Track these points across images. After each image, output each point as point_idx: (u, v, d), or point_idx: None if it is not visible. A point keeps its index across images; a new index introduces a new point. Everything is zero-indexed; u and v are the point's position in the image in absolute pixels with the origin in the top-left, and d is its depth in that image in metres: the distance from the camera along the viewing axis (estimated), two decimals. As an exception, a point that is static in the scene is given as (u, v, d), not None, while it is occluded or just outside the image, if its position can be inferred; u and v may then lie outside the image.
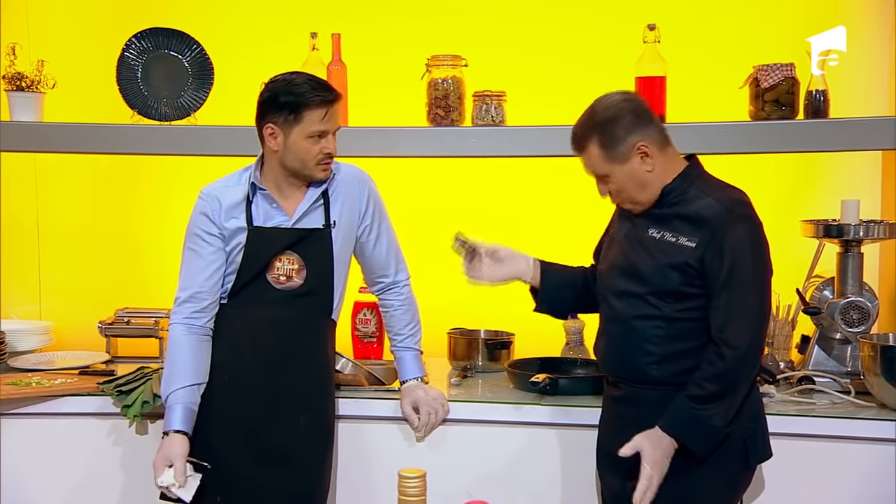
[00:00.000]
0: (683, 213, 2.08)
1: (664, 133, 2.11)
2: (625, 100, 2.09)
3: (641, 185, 2.09)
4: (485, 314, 3.01)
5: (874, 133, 2.69)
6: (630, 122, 2.05)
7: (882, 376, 2.39)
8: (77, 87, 3.15)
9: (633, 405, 2.16)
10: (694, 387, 2.04)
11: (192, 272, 2.32)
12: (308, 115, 2.23)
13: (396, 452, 2.47)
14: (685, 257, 2.05)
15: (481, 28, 3.10)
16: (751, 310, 2.04)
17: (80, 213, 3.35)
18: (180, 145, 2.93)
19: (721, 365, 2.01)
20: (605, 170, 2.09)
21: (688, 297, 2.07)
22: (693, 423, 2.03)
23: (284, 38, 3.05)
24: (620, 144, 2.05)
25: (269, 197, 2.33)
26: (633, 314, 2.13)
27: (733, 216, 2.04)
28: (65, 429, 2.60)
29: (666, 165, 2.09)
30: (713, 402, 2.02)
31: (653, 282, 2.10)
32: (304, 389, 2.35)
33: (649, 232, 2.13)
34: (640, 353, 2.13)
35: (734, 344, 2.01)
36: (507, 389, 2.67)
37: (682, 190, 2.10)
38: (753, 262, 2.04)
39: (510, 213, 3.18)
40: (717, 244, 2.03)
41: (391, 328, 2.54)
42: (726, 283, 2.02)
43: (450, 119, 2.86)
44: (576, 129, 2.12)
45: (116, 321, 3.06)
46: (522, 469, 2.50)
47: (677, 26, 2.85)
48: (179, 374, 2.26)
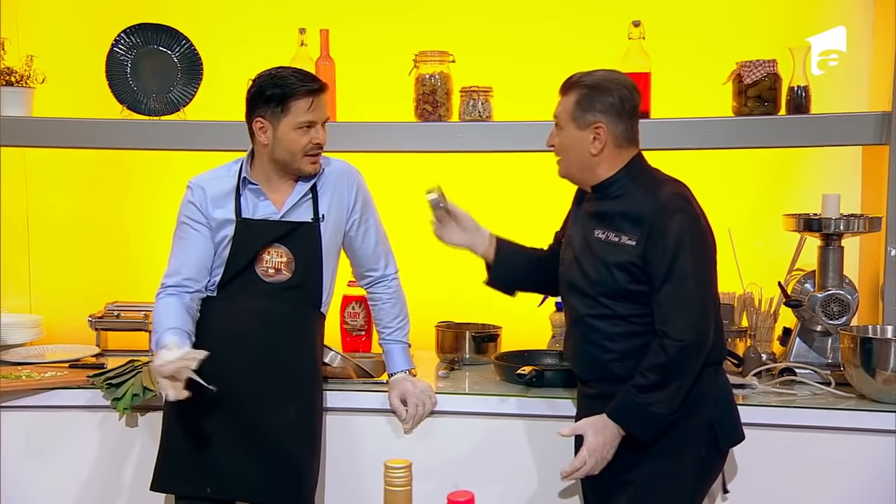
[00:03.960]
0: (624, 211, 2.11)
1: (630, 136, 2.14)
2: (623, 87, 2.12)
3: (579, 158, 2.14)
4: (472, 308, 3.02)
5: (855, 128, 2.73)
6: (608, 105, 2.09)
7: (861, 367, 2.39)
8: (67, 82, 3.14)
9: (604, 401, 2.16)
10: (638, 376, 2.07)
11: (179, 259, 2.34)
12: (295, 106, 2.25)
13: (384, 444, 2.47)
14: (628, 256, 2.08)
15: (468, 24, 3.10)
16: (692, 301, 2.05)
17: (70, 208, 3.34)
18: (169, 140, 2.94)
19: (663, 356, 2.04)
20: (564, 122, 2.15)
21: (637, 294, 2.10)
22: (636, 410, 2.07)
23: (273, 33, 3.05)
24: (588, 113, 2.10)
25: (258, 191, 2.34)
26: (591, 314, 2.17)
27: (668, 210, 2.06)
28: (55, 421, 2.59)
29: (612, 160, 2.13)
30: (655, 391, 2.05)
31: (601, 283, 2.13)
32: (292, 382, 2.35)
33: (595, 234, 2.16)
34: (600, 351, 2.16)
35: (676, 336, 2.04)
36: (493, 382, 2.67)
37: (623, 184, 2.13)
38: (692, 254, 2.05)
39: (497, 207, 3.14)
40: (655, 239, 2.05)
41: (379, 321, 2.55)
42: (667, 277, 2.04)
43: (437, 114, 2.87)
44: (574, 76, 2.16)
45: (106, 315, 3.04)
46: (508, 460, 2.50)
47: (662, 23, 2.86)
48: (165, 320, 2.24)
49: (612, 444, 2.09)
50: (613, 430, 2.08)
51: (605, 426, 2.09)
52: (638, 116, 2.17)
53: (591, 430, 2.09)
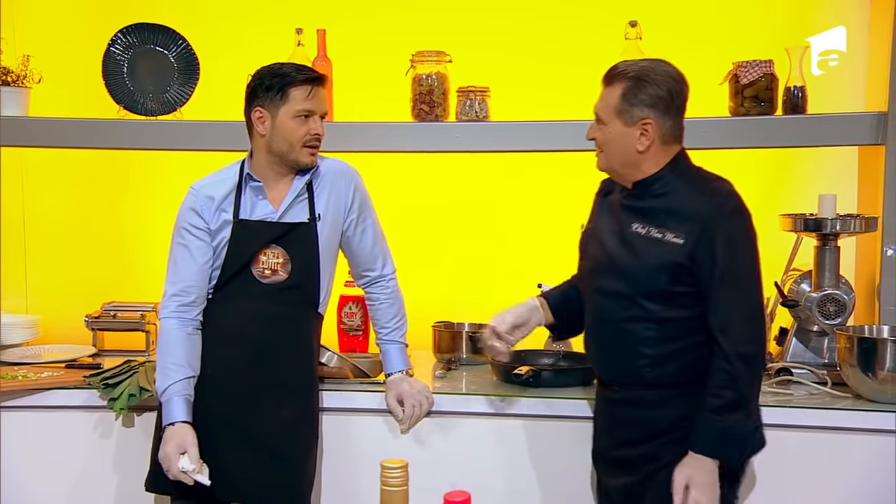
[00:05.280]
0: (669, 207, 2.01)
1: (677, 132, 2.05)
2: (676, 80, 2.02)
3: (625, 155, 2.04)
4: (469, 308, 3.02)
5: (851, 128, 2.74)
6: (658, 99, 1.99)
7: (858, 367, 2.39)
8: (63, 81, 3.14)
9: (631, 406, 2.10)
10: (710, 398, 1.96)
11: (181, 267, 2.31)
12: (293, 94, 2.26)
13: (381, 444, 2.47)
14: (674, 255, 1.98)
15: (465, 24, 3.10)
16: (750, 306, 1.98)
17: (67, 208, 3.33)
18: (166, 140, 2.94)
19: (731, 369, 1.94)
20: (607, 117, 2.04)
21: (678, 297, 2.01)
22: (721, 437, 1.96)
23: (270, 33, 3.05)
24: (635, 108, 2.00)
25: (258, 188, 2.34)
26: (623, 316, 2.06)
27: (724, 210, 1.98)
28: (52, 422, 2.59)
29: (658, 157, 2.04)
30: (734, 410, 1.95)
31: (641, 282, 2.02)
32: (290, 382, 2.34)
33: (633, 227, 2.06)
34: (632, 355, 2.06)
35: (739, 344, 1.94)
36: (490, 382, 2.67)
37: (668, 181, 2.04)
38: (748, 257, 1.99)
39: (494, 207, 3.19)
40: (708, 240, 1.96)
41: (377, 321, 2.54)
42: (722, 281, 1.95)
43: (434, 114, 2.87)
44: (620, 65, 2.06)
45: (103, 315, 3.05)
46: (505, 460, 2.50)
47: (658, 23, 2.86)
48: (174, 367, 2.25)
49: (714, 473, 1.97)
50: (708, 464, 1.97)
51: (700, 463, 1.97)
52: (685, 110, 2.05)
53: (693, 471, 1.97)
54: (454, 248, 3.18)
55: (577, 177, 3.09)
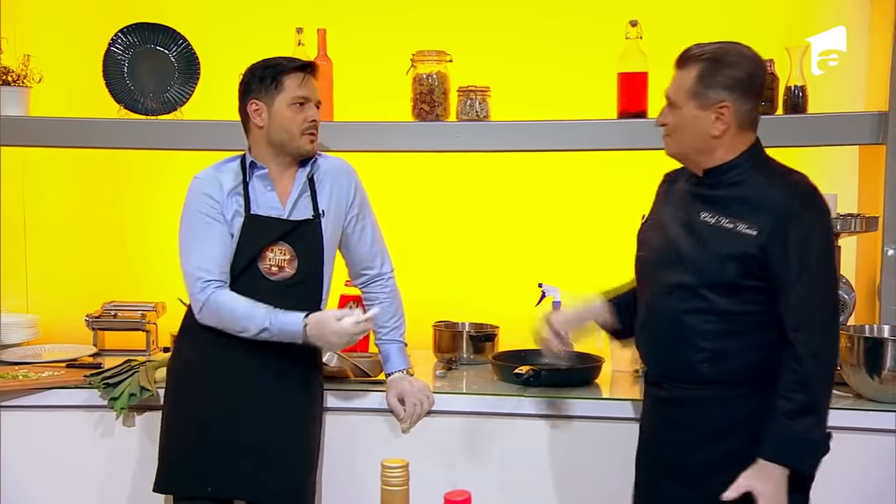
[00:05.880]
0: (743, 197, 1.92)
1: (754, 118, 1.96)
2: (754, 62, 1.94)
3: (699, 140, 1.95)
4: (469, 307, 3.04)
5: (852, 128, 2.74)
6: (735, 81, 1.90)
7: (859, 367, 2.39)
8: (64, 81, 3.15)
9: (684, 406, 2.01)
10: (782, 401, 1.86)
11: (208, 252, 2.28)
12: (287, 81, 2.29)
13: (382, 443, 2.48)
14: (745, 247, 1.88)
15: (466, 24, 3.11)
16: (826, 305, 1.90)
17: (67, 208, 3.34)
18: (167, 140, 2.95)
19: (802, 371, 1.85)
20: (681, 100, 1.95)
21: (745, 290, 1.91)
22: (793, 444, 1.87)
23: (270, 33, 3.05)
24: (711, 90, 1.91)
25: (264, 178, 2.34)
26: (682, 308, 1.96)
27: (804, 203, 1.89)
28: (52, 421, 2.60)
29: (734, 143, 1.94)
30: (806, 415, 1.86)
31: (707, 273, 1.92)
32: (294, 381, 2.35)
33: (702, 216, 1.96)
34: (690, 349, 1.96)
35: (813, 345, 1.86)
36: (491, 381, 2.68)
37: (743, 170, 1.94)
38: (825, 254, 1.90)
39: (494, 206, 3.20)
40: (783, 233, 1.86)
41: (375, 321, 2.50)
42: (798, 278, 1.86)
43: (435, 114, 2.88)
44: (694, 47, 1.96)
45: (103, 314, 3.04)
46: (506, 460, 2.51)
47: (659, 22, 2.86)
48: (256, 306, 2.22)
49: (783, 485, 1.88)
50: (777, 472, 1.87)
51: (769, 472, 1.87)
52: (763, 96, 1.96)
53: (758, 481, 1.87)
54: (455, 248, 3.19)
55: (577, 176, 3.12)
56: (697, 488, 1.98)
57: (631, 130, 2.78)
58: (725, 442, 1.96)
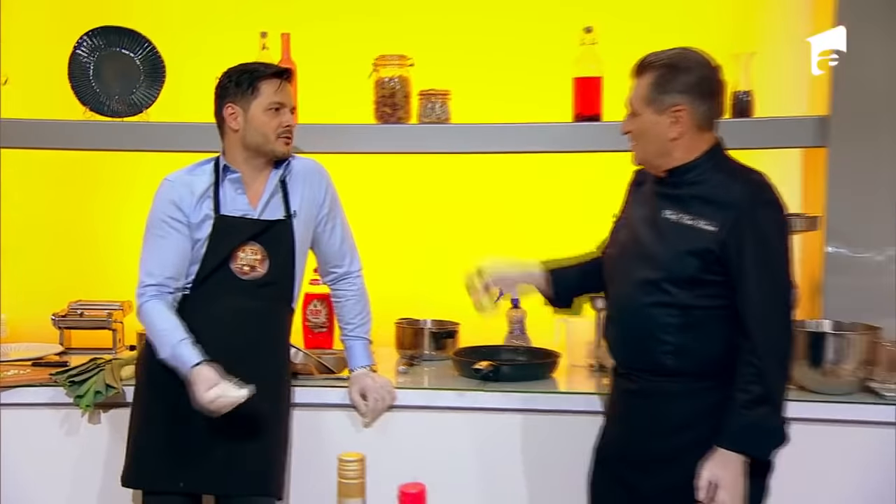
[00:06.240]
0: (703, 195, 1.96)
1: (712, 119, 2.00)
2: (706, 67, 1.98)
3: (658, 144, 2.00)
4: (431, 305, 3.04)
5: (795, 131, 2.78)
6: (688, 85, 1.95)
7: (802, 361, 2.43)
8: (29, 83, 3.11)
9: (650, 398, 2.04)
10: (739, 392, 1.90)
11: (158, 259, 2.31)
12: (264, 87, 2.30)
13: (344, 437, 2.48)
14: (705, 242, 1.93)
15: (427, 29, 3.11)
16: (780, 299, 1.94)
17: (33, 208, 3.30)
18: (134, 141, 2.93)
19: (758, 363, 1.89)
20: (639, 107, 2.01)
21: (706, 284, 1.95)
22: (750, 431, 1.91)
23: (235, 37, 3.01)
24: (667, 95, 1.96)
25: (236, 181, 2.35)
26: (647, 301, 2.00)
27: (761, 200, 1.94)
28: (18, 419, 2.58)
29: (693, 144, 1.99)
30: (763, 404, 1.90)
31: (669, 268, 1.97)
32: (266, 376, 2.34)
33: (664, 214, 2.01)
34: (654, 342, 2.00)
35: (768, 337, 1.90)
36: (451, 377, 2.70)
37: (703, 170, 1.99)
38: (780, 249, 1.94)
39: (454, 206, 3.21)
40: (741, 229, 1.90)
41: (342, 318, 2.56)
42: (752, 272, 1.90)
43: (396, 116, 2.89)
44: (649, 56, 2.01)
45: (70, 313, 3.02)
46: (466, 453, 2.53)
47: (613, 29, 2.88)
48: (168, 329, 2.25)
49: (742, 474, 1.92)
50: (736, 460, 1.91)
51: (727, 460, 1.91)
52: (721, 96, 2.01)
53: (719, 470, 1.91)
54: (417, 247, 3.20)
55: (534, 177, 3.13)
56: (660, 477, 2.02)
57: (586, 133, 2.81)
58: (690, 432, 1.99)
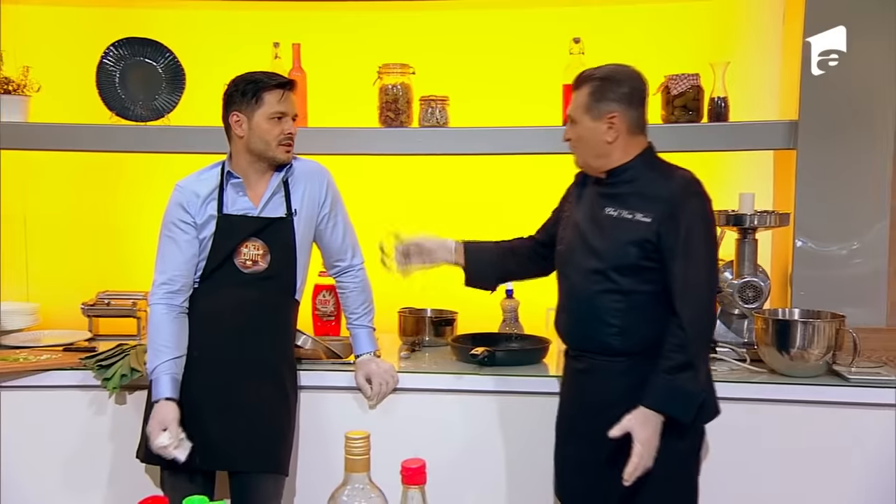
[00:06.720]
0: (639, 192, 2.11)
1: (642, 123, 2.17)
2: (637, 79, 2.15)
3: (596, 147, 2.15)
4: (431, 295, 3.09)
5: (767, 134, 2.86)
6: (621, 95, 2.11)
7: (773, 346, 2.54)
8: (60, 91, 3.20)
9: (598, 377, 2.17)
10: (664, 360, 2.05)
11: (169, 259, 2.38)
12: (267, 97, 2.35)
13: (351, 418, 2.55)
14: (643, 233, 2.07)
15: (427, 40, 3.20)
16: (702, 280, 2.07)
17: (64, 206, 3.38)
18: (155, 144, 3.01)
19: (682, 335, 2.03)
20: (578, 116, 2.16)
21: (644, 271, 2.10)
22: (672, 393, 2.04)
23: (250, 47, 3.12)
24: (601, 104, 2.12)
25: (238, 185, 2.40)
26: (595, 290, 2.14)
27: (687, 192, 2.08)
28: (50, 400, 2.67)
29: (627, 147, 2.14)
30: (684, 371, 2.04)
31: (612, 258, 2.11)
32: (270, 362, 2.42)
33: (606, 211, 2.15)
34: (602, 325, 2.14)
35: (691, 313, 2.04)
36: (450, 361, 2.77)
37: (638, 170, 2.14)
38: (705, 235, 2.08)
39: (452, 204, 3.28)
40: (672, 218, 2.05)
41: (347, 307, 2.63)
42: (680, 255, 2.05)
43: (399, 121, 2.97)
44: (586, 71, 2.18)
45: (98, 302, 3.09)
46: (463, 432, 2.61)
47: (599, 40, 2.97)
48: (162, 348, 2.33)
49: (657, 433, 2.06)
50: (655, 419, 2.05)
51: (648, 417, 2.05)
52: (647, 105, 2.17)
53: (637, 423, 2.04)
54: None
55: (525, 176, 3.18)
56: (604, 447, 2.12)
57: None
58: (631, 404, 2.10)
